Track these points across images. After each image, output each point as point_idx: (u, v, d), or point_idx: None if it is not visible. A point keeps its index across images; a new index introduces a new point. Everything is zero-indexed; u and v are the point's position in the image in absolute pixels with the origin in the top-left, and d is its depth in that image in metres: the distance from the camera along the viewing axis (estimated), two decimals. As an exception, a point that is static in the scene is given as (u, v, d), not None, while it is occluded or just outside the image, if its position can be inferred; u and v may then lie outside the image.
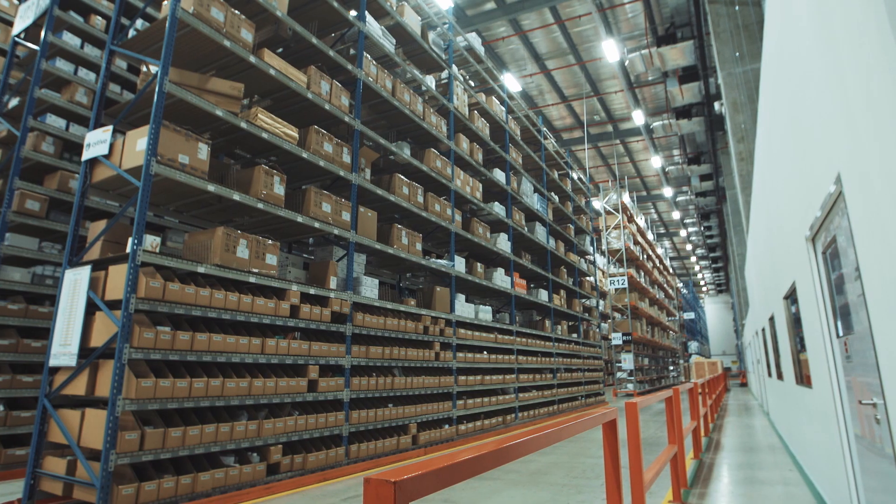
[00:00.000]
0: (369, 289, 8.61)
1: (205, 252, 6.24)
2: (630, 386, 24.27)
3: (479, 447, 1.81)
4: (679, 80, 21.02)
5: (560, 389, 15.95)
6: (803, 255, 4.53)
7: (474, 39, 14.18)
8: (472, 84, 14.93)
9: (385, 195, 9.09)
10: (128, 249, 5.42)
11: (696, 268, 66.86)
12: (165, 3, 6.60)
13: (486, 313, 12.00)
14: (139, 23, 8.78)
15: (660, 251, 38.65)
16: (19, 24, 7.89)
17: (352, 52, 9.29)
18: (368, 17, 9.31)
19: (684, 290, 55.17)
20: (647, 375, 27.25)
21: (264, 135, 6.98)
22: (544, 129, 18.45)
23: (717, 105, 21.46)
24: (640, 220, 31.99)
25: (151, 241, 5.99)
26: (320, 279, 7.87)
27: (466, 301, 12.43)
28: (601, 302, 27.70)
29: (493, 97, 14.34)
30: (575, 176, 21.12)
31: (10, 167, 7.30)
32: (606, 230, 26.72)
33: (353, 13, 9.26)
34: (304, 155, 7.54)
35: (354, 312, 8.10)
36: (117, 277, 5.42)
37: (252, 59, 6.88)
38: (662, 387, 30.25)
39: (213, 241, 6.23)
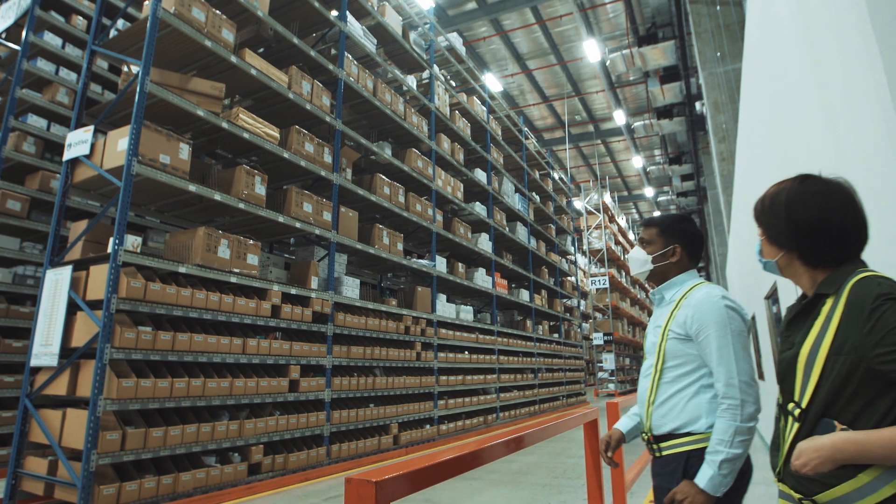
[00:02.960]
0: (351, 289, 8.62)
1: (186, 252, 6.23)
2: (611, 386, 24.46)
3: (461, 447, 1.84)
4: (660, 80, 21.13)
5: (541, 389, 16.04)
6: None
7: (455, 39, 14.20)
8: (454, 84, 14.98)
9: (366, 195, 9.11)
10: (109, 249, 5.39)
11: (677, 267, 67.29)
12: (147, 3, 6.56)
13: (467, 313, 12.05)
14: (120, 23, 8.69)
15: (640, 250, 38.82)
16: (0, 25, 7.81)
17: (333, 52, 9.28)
18: (350, 17, 9.31)
19: (664, 289, 55.48)
20: (628, 375, 27.49)
21: (245, 135, 6.97)
22: (525, 129, 18.54)
23: (698, 105, 21.62)
24: (622, 220, 32.26)
25: (133, 241, 5.96)
26: (302, 279, 7.87)
27: (448, 301, 12.45)
28: (582, 302, 27.85)
29: (475, 97, 14.38)
30: (556, 176, 21.23)
31: (-9, 167, 7.23)
32: (588, 230, 26.89)
33: (334, 13, 9.25)
34: (286, 155, 7.54)
35: (336, 312, 8.11)
36: (98, 277, 5.39)
37: (233, 59, 6.87)
38: (643, 385, 30.44)
39: (194, 241, 6.22)
